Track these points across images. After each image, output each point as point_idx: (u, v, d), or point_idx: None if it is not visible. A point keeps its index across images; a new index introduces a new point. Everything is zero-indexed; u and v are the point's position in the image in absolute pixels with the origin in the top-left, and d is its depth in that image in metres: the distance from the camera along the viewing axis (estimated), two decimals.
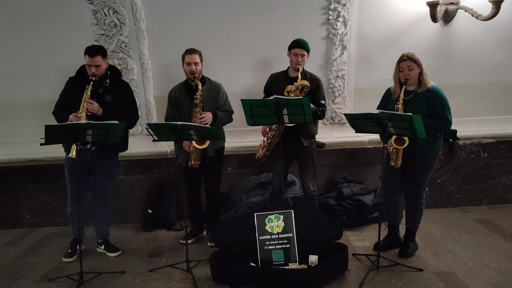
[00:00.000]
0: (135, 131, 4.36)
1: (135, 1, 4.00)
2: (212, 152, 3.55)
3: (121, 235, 4.08)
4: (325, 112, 3.58)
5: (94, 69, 3.27)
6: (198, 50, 3.50)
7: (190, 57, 3.43)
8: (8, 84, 4.27)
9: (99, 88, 3.36)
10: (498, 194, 4.58)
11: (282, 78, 3.59)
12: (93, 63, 3.26)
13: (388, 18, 4.25)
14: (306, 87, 3.41)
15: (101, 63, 3.30)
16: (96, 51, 3.28)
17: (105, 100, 3.35)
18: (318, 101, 3.51)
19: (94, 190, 3.59)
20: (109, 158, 3.52)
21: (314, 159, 3.65)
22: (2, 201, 4.37)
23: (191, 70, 3.41)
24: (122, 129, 3.05)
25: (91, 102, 3.24)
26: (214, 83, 3.61)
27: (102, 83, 3.38)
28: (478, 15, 4.00)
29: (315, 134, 3.64)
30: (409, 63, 3.12)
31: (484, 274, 3.05)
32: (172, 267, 3.27)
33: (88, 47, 3.33)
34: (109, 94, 3.39)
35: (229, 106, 3.63)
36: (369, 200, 4.08)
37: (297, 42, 3.49)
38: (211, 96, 3.54)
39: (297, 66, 3.43)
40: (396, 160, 3.16)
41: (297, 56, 3.44)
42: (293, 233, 3.12)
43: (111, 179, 3.61)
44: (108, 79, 3.42)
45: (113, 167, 3.60)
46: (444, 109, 3.11)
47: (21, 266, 3.50)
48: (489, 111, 4.61)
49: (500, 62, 4.45)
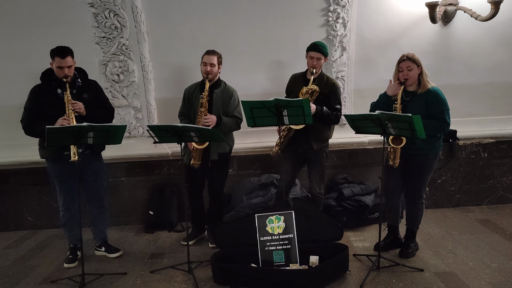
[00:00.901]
0: (136, 133, 4.37)
1: (135, 3, 4.01)
2: (215, 156, 3.55)
3: (123, 236, 4.09)
4: (339, 117, 3.51)
5: (66, 70, 3.19)
6: (218, 53, 3.56)
7: (208, 58, 3.50)
8: (9, 87, 4.28)
9: (72, 89, 3.29)
10: (498, 194, 4.58)
11: (300, 79, 3.57)
12: (65, 64, 3.18)
13: (387, 19, 4.26)
14: (316, 92, 3.39)
15: (72, 63, 3.24)
16: (67, 52, 3.21)
17: (84, 98, 3.31)
18: (332, 105, 3.46)
19: (88, 195, 3.53)
20: (96, 159, 3.50)
21: (323, 162, 3.62)
22: (4, 203, 4.38)
23: (206, 70, 3.48)
24: (123, 131, 3.07)
25: (75, 103, 3.19)
26: (228, 88, 3.64)
27: (74, 83, 3.33)
28: (477, 16, 4.01)
29: (328, 138, 3.61)
30: (408, 63, 3.13)
31: (484, 274, 3.05)
32: (173, 268, 3.28)
33: (57, 49, 3.22)
34: (85, 93, 3.36)
35: (239, 113, 3.60)
36: (369, 201, 4.09)
37: (314, 45, 3.47)
38: (222, 100, 3.56)
39: (311, 69, 3.42)
40: (394, 159, 3.17)
41: (312, 60, 3.43)
42: (294, 234, 3.13)
43: (103, 180, 3.58)
44: (78, 78, 3.38)
45: (102, 167, 3.57)
46: (443, 110, 3.11)
47: (23, 268, 3.51)
48: (489, 111, 4.62)
49: (499, 62, 4.45)
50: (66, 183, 3.32)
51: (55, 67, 3.22)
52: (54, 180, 3.44)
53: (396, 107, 3.15)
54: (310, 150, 3.51)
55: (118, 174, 4.37)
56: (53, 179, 3.45)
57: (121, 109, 4.30)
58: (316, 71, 3.44)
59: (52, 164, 3.39)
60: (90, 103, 3.33)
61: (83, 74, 3.46)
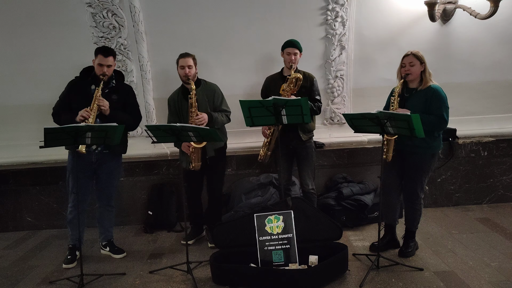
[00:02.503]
0: (135, 133, 4.36)
1: (133, 3, 4.01)
2: (212, 152, 3.58)
3: (122, 236, 4.09)
4: (320, 107, 3.69)
5: (105, 68, 3.33)
6: (192, 54, 3.58)
7: (184, 61, 3.53)
8: (8, 87, 4.28)
9: (105, 89, 3.40)
10: (498, 192, 4.57)
11: (278, 78, 3.67)
12: (106, 62, 3.34)
13: (386, 18, 4.25)
14: (299, 80, 3.48)
15: (112, 63, 3.40)
16: (110, 52, 3.39)
17: (112, 99, 3.40)
18: (313, 97, 3.62)
19: (99, 192, 3.58)
20: (114, 159, 3.53)
21: (313, 156, 3.70)
22: (3, 204, 4.38)
23: (185, 73, 3.51)
24: (121, 131, 3.07)
25: (102, 99, 3.28)
26: (209, 84, 3.68)
27: (108, 83, 3.44)
28: (477, 14, 4.00)
29: (313, 129, 3.71)
30: (411, 58, 3.16)
31: (484, 273, 3.04)
32: (172, 268, 3.27)
33: (102, 47, 3.44)
34: (115, 94, 3.45)
35: (226, 106, 3.68)
36: (369, 200, 4.08)
37: (288, 42, 3.61)
38: (206, 96, 3.60)
39: (290, 64, 3.53)
40: (387, 152, 3.17)
41: (290, 55, 3.55)
42: (293, 234, 3.13)
43: (115, 180, 3.62)
44: (114, 80, 3.49)
45: (117, 168, 3.61)
46: (441, 107, 3.10)
47: (22, 268, 3.51)
48: (489, 109, 4.61)
49: (499, 60, 4.44)
50: (78, 180, 3.30)
51: (96, 64, 3.37)
52: (69, 175, 3.49)
53: (393, 100, 3.15)
54: (300, 143, 3.60)
55: None
56: (69, 173, 3.50)
57: None
58: (293, 67, 3.53)
59: (71, 157, 3.43)
60: (118, 105, 3.42)
61: (120, 78, 3.59)
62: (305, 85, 3.57)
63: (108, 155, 3.46)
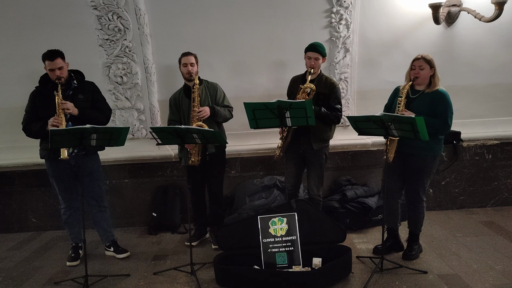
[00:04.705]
0: (139, 134, 4.39)
1: (138, 6, 4.03)
2: (213, 149, 3.61)
3: (126, 238, 4.10)
4: (339, 117, 3.50)
5: (58, 72, 3.29)
6: (194, 53, 3.64)
7: (186, 59, 3.59)
8: (13, 89, 4.30)
9: (68, 90, 3.39)
10: (503, 196, 4.56)
11: (299, 81, 3.56)
12: (55, 66, 3.28)
13: (390, 20, 4.25)
14: (312, 90, 3.39)
15: (62, 64, 3.33)
16: (55, 54, 3.30)
17: (79, 98, 3.39)
18: (332, 105, 3.46)
19: (87, 196, 3.55)
20: (92, 160, 3.52)
21: (322, 164, 3.60)
22: (9, 205, 4.41)
23: (187, 71, 3.57)
24: (126, 133, 3.09)
25: (64, 103, 3.25)
26: (211, 83, 3.73)
27: (70, 85, 3.41)
28: (481, 17, 3.99)
29: (329, 139, 3.60)
30: (421, 62, 3.16)
31: (489, 276, 3.04)
32: (176, 270, 3.29)
33: (46, 52, 3.33)
34: (81, 94, 3.43)
35: (228, 103, 3.73)
36: (373, 203, 4.08)
37: (310, 45, 3.48)
38: (208, 93, 3.64)
39: (309, 69, 3.43)
40: (389, 153, 3.17)
41: (310, 60, 3.43)
42: (296, 236, 3.13)
43: (99, 180, 3.60)
44: (74, 80, 3.46)
45: (97, 168, 3.59)
46: (446, 111, 3.10)
47: (27, 269, 3.53)
48: (493, 112, 4.59)
49: (504, 63, 4.42)
50: (63, 182, 3.41)
51: (48, 70, 3.33)
52: (52, 180, 3.53)
53: (400, 101, 3.15)
54: (310, 150, 3.51)
55: (121, 176, 4.39)
56: (52, 179, 3.53)
57: (124, 111, 4.32)
58: (314, 71, 3.43)
59: (49, 164, 3.48)
60: (86, 103, 3.42)
61: (80, 76, 3.55)
62: (323, 91, 3.44)
63: (85, 157, 3.41)
